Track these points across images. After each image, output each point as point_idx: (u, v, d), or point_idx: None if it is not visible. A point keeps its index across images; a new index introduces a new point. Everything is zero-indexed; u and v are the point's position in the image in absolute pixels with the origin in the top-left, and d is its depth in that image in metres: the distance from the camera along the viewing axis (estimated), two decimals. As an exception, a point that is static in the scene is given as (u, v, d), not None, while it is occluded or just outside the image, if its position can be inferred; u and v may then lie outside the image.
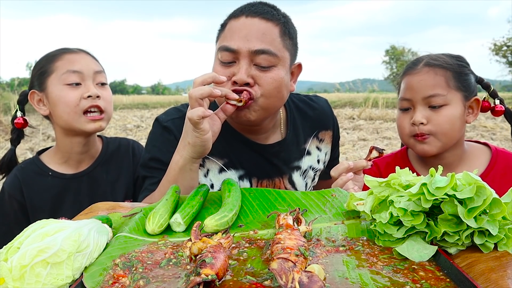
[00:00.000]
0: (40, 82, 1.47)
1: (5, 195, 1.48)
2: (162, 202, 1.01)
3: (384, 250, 0.83)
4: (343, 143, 7.13)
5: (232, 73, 1.23)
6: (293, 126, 1.49)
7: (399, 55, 36.18)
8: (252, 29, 1.23)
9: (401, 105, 1.44)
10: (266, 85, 1.24)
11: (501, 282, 0.67)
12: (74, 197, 1.51)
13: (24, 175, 1.50)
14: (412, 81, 1.40)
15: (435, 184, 0.79)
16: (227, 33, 1.26)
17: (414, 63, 1.45)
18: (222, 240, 0.83)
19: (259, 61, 1.23)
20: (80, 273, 0.76)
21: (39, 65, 1.49)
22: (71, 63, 1.46)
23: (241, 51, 1.22)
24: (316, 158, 1.55)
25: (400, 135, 1.49)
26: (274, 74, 1.24)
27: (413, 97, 1.39)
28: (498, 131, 8.17)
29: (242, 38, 1.22)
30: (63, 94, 1.43)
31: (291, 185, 1.49)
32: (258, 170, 1.43)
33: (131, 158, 1.65)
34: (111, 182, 1.58)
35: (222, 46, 1.24)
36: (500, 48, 29.03)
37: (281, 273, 0.65)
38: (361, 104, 14.81)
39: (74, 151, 1.52)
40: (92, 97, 1.45)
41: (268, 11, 1.27)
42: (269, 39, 1.23)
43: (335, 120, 1.64)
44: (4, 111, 10.49)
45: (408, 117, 1.41)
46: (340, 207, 1.05)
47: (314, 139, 1.55)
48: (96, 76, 1.49)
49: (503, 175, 1.42)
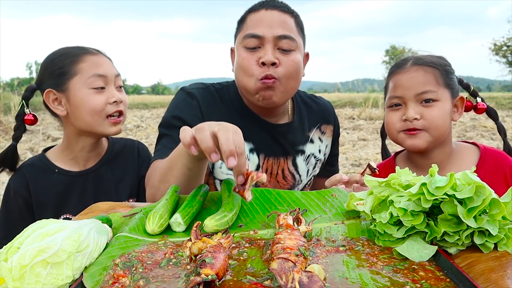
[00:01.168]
0: (60, 83, 1.45)
1: (11, 192, 1.49)
2: (162, 202, 1.01)
3: (384, 250, 0.83)
4: (343, 143, 7.13)
5: (258, 57, 1.38)
6: (299, 114, 1.63)
7: (399, 55, 36.24)
8: (274, 18, 1.39)
9: (391, 103, 1.45)
10: (288, 66, 1.39)
11: (501, 282, 0.67)
12: (79, 195, 1.52)
13: (31, 172, 1.51)
14: (402, 79, 1.42)
15: (435, 184, 0.79)
16: (250, 24, 1.41)
17: (401, 63, 1.48)
18: (222, 240, 0.83)
19: (281, 45, 1.38)
20: (80, 273, 0.76)
21: (57, 65, 1.46)
22: (96, 67, 1.46)
23: (266, 36, 1.37)
24: (318, 148, 1.67)
25: (388, 131, 1.49)
26: (294, 57, 1.41)
27: (405, 94, 1.41)
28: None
29: (266, 26, 1.38)
30: (90, 98, 1.43)
31: (294, 168, 1.60)
32: (266, 147, 1.55)
33: (136, 159, 1.67)
34: (116, 181, 1.59)
35: (248, 34, 1.39)
36: (500, 48, 29.01)
37: (281, 273, 0.65)
38: (361, 104, 14.81)
39: (83, 151, 1.54)
40: (117, 102, 1.47)
41: (284, 5, 1.45)
42: (288, 27, 1.40)
43: (336, 118, 1.76)
44: (4, 111, 10.48)
45: (399, 114, 1.43)
46: (340, 207, 1.05)
47: (317, 130, 1.67)
48: (116, 80, 1.51)
49: (493, 174, 1.43)
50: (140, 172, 1.65)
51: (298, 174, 1.62)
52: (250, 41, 1.39)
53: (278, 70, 1.37)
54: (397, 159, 1.61)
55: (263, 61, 1.36)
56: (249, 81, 1.39)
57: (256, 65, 1.38)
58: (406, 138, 1.42)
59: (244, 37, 1.40)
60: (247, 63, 1.39)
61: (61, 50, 1.51)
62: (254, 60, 1.38)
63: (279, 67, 1.38)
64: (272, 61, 1.35)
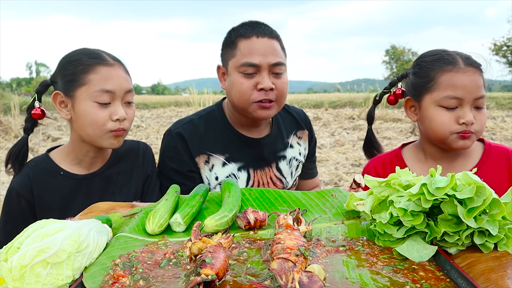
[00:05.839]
0: (68, 88, 1.43)
1: (13, 193, 1.47)
2: (162, 202, 1.01)
3: (384, 250, 0.83)
4: (343, 143, 7.13)
5: (256, 82, 1.56)
6: (277, 124, 1.82)
7: (399, 55, 36.15)
8: (266, 47, 1.57)
9: (448, 104, 1.40)
10: (282, 89, 1.60)
11: (501, 282, 0.67)
12: (84, 198, 1.50)
13: (35, 173, 1.48)
14: (463, 80, 1.38)
15: (435, 184, 0.79)
16: (244, 51, 1.57)
17: (450, 60, 1.43)
18: (222, 240, 0.83)
19: (275, 71, 1.58)
20: (80, 273, 0.76)
21: (69, 69, 1.44)
22: (105, 80, 1.41)
23: (262, 65, 1.56)
24: (298, 151, 1.85)
25: (439, 131, 1.43)
26: (284, 79, 1.62)
27: (465, 96, 1.38)
28: (498, 131, 8.17)
29: (260, 54, 1.56)
30: (92, 112, 1.40)
31: (279, 173, 1.77)
32: (253, 162, 1.72)
33: (141, 160, 1.66)
34: (121, 183, 1.58)
35: (245, 63, 1.56)
36: (500, 48, 28.98)
37: (281, 273, 0.65)
38: (361, 104, 14.80)
39: (89, 155, 1.52)
40: (120, 120, 1.43)
41: (270, 31, 1.63)
42: (278, 53, 1.60)
43: (310, 123, 1.96)
44: (4, 111, 10.47)
45: (453, 115, 1.40)
46: (340, 207, 1.05)
47: (294, 136, 1.86)
48: (126, 96, 1.46)
49: (496, 169, 1.45)
50: (145, 173, 1.64)
51: (284, 178, 1.78)
52: (248, 69, 1.56)
53: (274, 94, 1.58)
54: (405, 150, 1.61)
55: (262, 88, 1.55)
56: (246, 103, 1.58)
57: (253, 90, 1.57)
58: (458, 140, 1.41)
59: (241, 65, 1.57)
60: (245, 88, 1.56)
61: (79, 52, 1.48)
62: (252, 85, 1.56)
63: (275, 90, 1.58)
64: (270, 86, 1.56)
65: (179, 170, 1.65)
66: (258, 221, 0.96)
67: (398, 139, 7.41)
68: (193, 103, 12.66)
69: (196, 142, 1.66)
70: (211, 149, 1.66)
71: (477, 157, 1.49)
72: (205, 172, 1.66)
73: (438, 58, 1.46)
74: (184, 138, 1.66)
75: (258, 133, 1.75)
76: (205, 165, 1.66)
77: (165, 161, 1.69)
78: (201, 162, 1.65)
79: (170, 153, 1.68)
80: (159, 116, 13.61)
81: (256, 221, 0.96)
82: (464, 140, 1.41)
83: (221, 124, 1.71)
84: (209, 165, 1.67)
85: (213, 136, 1.69)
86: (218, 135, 1.69)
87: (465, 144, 1.42)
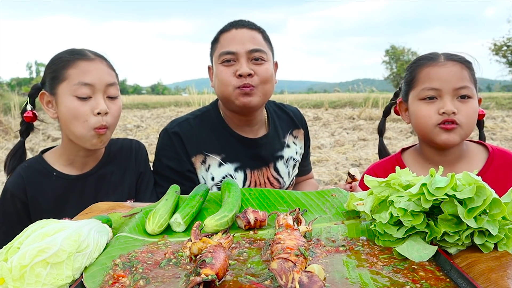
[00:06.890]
0: (51, 86, 1.44)
1: (8, 194, 1.47)
2: (162, 202, 1.01)
3: (384, 250, 0.83)
4: (343, 143, 7.13)
5: (235, 69, 1.57)
6: (273, 124, 1.81)
7: (399, 55, 36.17)
8: (244, 36, 1.60)
9: (425, 95, 1.42)
10: (262, 74, 1.59)
11: (501, 282, 0.67)
12: (78, 198, 1.50)
13: (28, 174, 1.49)
14: (440, 72, 1.40)
15: (435, 184, 0.79)
16: (224, 43, 1.60)
17: (431, 57, 1.45)
18: (222, 240, 0.83)
19: (254, 56, 1.58)
20: (80, 273, 0.76)
21: (52, 68, 1.45)
22: (83, 74, 1.41)
23: (239, 52, 1.57)
24: (294, 151, 1.85)
25: (421, 124, 1.45)
26: (266, 66, 1.61)
27: (443, 87, 1.39)
28: (498, 131, 8.17)
29: (238, 43, 1.58)
30: (73, 106, 1.40)
31: (276, 173, 1.77)
32: (250, 162, 1.71)
33: (134, 158, 1.65)
34: (115, 182, 1.58)
35: (223, 51, 1.58)
36: (500, 48, 28.97)
37: (281, 273, 0.65)
38: (361, 104, 14.80)
39: (80, 155, 1.52)
40: (101, 114, 1.42)
41: (251, 23, 1.66)
42: (258, 41, 1.61)
43: (305, 122, 1.96)
44: (4, 111, 10.47)
45: (434, 107, 1.40)
46: (340, 207, 1.05)
47: (290, 136, 1.86)
48: (107, 89, 1.45)
49: (500, 173, 1.43)
50: (137, 171, 1.64)
51: (281, 178, 1.77)
52: (225, 57, 1.58)
53: (254, 79, 1.57)
54: (405, 155, 1.60)
55: (240, 74, 1.55)
56: (228, 90, 1.58)
57: (233, 77, 1.57)
58: (442, 132, 1.40)
59: (220, 55, 1.59)
60: (225, 75, 1.58)
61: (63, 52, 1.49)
62: (231, 73, 1.58)
63: (255, 76, 1.58)
64: (248, 72, 1.55)
65: (176, 169, 1.64)
66: (258, 221, 0.96)
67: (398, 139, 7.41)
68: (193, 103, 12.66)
69: (193, 141, 1.65)
70: (207, 149, 1.65)
71: (480, 162, 1.47)
72: (201, 172, 1.65)
73: (422, 57, 1.49)
74: (180, 137, 1.65)
75: (254, 133, 1.74)
76: (202, 165, 1.65)
77: (160, 160, 1.67)
78: (197, 162, 1.64)
79: (166, 151, 1.66)
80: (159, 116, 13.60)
81: (256, 221, 0.96)
82: (447, 132, 1.39)
83: (216, 124, 1.71)
84: (206, 165, 1.66)
85: (209, 136, 1.68)
86: (214, 135, 1.69)
87: (448, 137, 1.39)
